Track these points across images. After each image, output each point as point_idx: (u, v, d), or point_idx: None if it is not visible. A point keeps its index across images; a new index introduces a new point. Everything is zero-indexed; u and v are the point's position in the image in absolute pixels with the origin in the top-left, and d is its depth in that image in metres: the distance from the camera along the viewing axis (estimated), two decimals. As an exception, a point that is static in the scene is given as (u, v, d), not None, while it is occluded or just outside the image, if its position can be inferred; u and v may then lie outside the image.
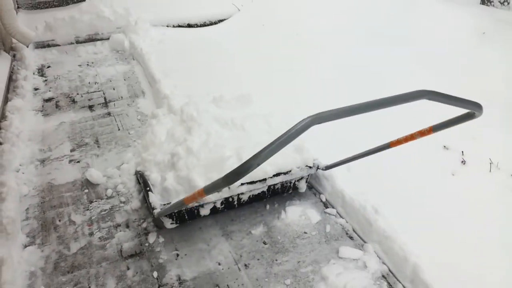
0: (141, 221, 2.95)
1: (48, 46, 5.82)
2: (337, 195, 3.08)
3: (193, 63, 5.15)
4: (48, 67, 5.28)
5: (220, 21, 6.71)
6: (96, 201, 3.12)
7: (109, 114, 4.30)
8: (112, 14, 6.18)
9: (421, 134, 1.97)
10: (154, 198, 2.68)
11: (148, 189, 2.77)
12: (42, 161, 3.53)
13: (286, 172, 2.91)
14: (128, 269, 2.60)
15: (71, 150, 3.69)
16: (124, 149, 3.72)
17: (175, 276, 2.56)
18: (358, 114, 1.36)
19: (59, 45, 5.88)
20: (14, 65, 5.05)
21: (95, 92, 4.71)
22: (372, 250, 2.75)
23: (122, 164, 3.46)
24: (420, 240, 2.64)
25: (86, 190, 3.22)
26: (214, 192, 2.74)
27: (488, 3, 7.06)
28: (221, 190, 2.75)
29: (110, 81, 5.00)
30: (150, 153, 3.19)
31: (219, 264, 2.65)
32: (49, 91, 4.68)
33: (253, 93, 3.68)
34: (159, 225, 2.88)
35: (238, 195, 2.89)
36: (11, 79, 4.77)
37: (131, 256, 2.69)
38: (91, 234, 2.84)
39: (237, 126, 3.27)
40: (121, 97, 4.64)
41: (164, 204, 2.63)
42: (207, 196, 2.71)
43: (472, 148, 3.41)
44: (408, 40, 5.37)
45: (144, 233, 2.86)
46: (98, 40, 6.07)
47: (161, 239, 2.80)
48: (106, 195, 3.17)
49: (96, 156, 3.62)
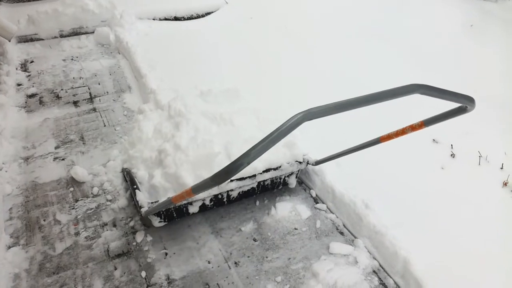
0: (128, 220, 2.89)
1: (31, 40, 5.67)
2: (327, 190, 3.06)
3: (180, 57, 5.06)
4: (31, 62, 5.15)
5: (208, 14, 6.61)
6: (82, 200, 3.05)
7: (95, 110, 4.21)
8: (97, 7, 6.04)
9: (413, 129, 1.94)
10: (142, 196, 2.62)
11: (135, 187, 2.71)
12: (26, 159, 3.44)
13: (276, 168, 2.88)
14: (116, 269, 2.55)
15: (56, 147, 3.60)
16: (110, 146, 3.65)
17: (164, 276, 2.52)
18: (351, 110, 1.33)
19: (43, 39, 5.73)
20: (-4, 60, 4.92)
21: (80, 88, 4.61)
22: (363, 245, 2.73)
23: (108, 161, 3.39)
24: (411, 235, 2.63)
25: (72, 189, 3.15)
26: (202, 192, 2.74)
27: (476, -5, 7.07)
28: (205, 190, 2.70)
29: (95, 76, 4.89)
30: (137, 150, 3.13)
31: (209, 263, 2.61)
32: (33, 87, 4.57)
33: (241, 87, 3.62)
34: (147, 224, 2.83)
35: (228, 192, 2.84)
36: (-7, 75, 4.64)
37: (119, 256, 2.63)
38: (77, 234, 2.77)
39: (226, 121, 3.21)
40: (107, 92, 4.55)
41: (152, 202, 2.57)
42: (197, 194, 2.67)
43: (461, 142, 3.40)
44: (397, 35, 5.34)
45: (132, 232, 2.80)
46: (83, 34, 5.92)
47: (149, 238, 2.75)
48: (92, 193, 3.10)
49: (82, 153, 3.54)
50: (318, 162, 2.92)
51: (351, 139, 2.76)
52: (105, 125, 3.96)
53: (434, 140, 3.45)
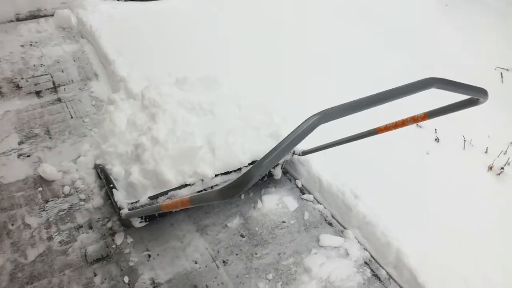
0: (106, 221, 2.70)
1: (-16, 25, 5.23)
2: (314, 181, 2.96)
3: (149, 41, 4.78)
4: (-15, 49, 4.75)
5: (175, -6, 6.29)
6: (53, 200, 2.83)
7: (60, 100, 3.92)
8: (56, -13, 5.63)
9: (414, 120, 1.85)
10: (120, 197, 2.44)
11: (112, 186, 2.52)
12: (-14, 157, 3.16)
13: (262, 160, 2.74)
14: (95, 276, 2.37)
15: (19, 143, 3.32)
16: (80, 140, 3.40)
17: (149, 280, 2.36)
18: (367, 109, 1.21)
19: (-3, 23, 5.30)
20: None
21: (42, 76, 4.28)
22: (353, 236, 2.67)
23: (79, 157, 3.16)
24: (401, 224, 2.58)
25: (40, 188, 2.91)
26: (185, 184, 2.58)
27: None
28: (194, 183, 2.55)
29: (58, 63, 4.56)
30: (110, 144, 2.91)
31: (196, 263, 2.47)
32: (-11, 76, 4.21)
33: (219, 74, 3.43)
34: (126, 224, 2.65)
35: (212, 187, 2.69)
36: None
37: (98, 261, 2.45)
38: (50, 238, 2.57)
39: (205, 111, 3.04)
40: (72, 81, 4.25)
41: (132, 203, 2.39)
42: (180, 191, 2.52)
43: (444, 126, 3.37)
44: (371, 16, 5.25)
45: (110, 234, 2.62)
46: (41, 17, 5.51)
47: (130, 240, 2.58)
48: (64, 193, 2.88)
49: (49, 149, 3.29)
50: (305, 153, 2.81)
51: (341, 127, 2.64)
52: (72, 117, 3.69)
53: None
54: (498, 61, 4.20)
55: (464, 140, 3.19)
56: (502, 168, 2.95)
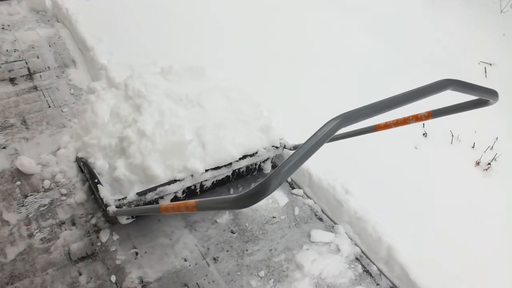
0: (89, 217, 2.59)
1: (-51, 5, 4.91)
2: (303, 175, 2.93)
3: (129, 26, 4.58)
4: (-47, 31, 4.46)
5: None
6: (32, 195, 2.69)
7: (36, 88, 3.72)
8: (27, -33, 5.32)
9: (417, 119, 1.82)
10: (106, 193, 2.33)
11: (96, 181, 2.41)
12: (-42, 149, 2.98)
13: (253, 154, 2.69)
14: (81, 275, 2.27)
15: (-6, 134, 3.15)
16: (59, 131, 3.25)
17: (137, 279, 2.28)
18: (386, 112, 1.16)
19: (-36, 4, 4.98)
20: None
21: (16, 62, 4.05)
22: (343, 232, 2.66)
23: (59, 149, 3.01)
24: (391, 219, 2.58)
25: (18, 182, 2.76)
26: (175, 180, 2.49)
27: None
28: (183, 179, 2.47)
29: (33, 48, 4.33)
30: (93, 136, 2.77)
31: (185, 260, 2.41)
32: (-42, 61, 3.96)
33: (205, 63, 3.33)
34: (112, 220, 2.54)
35: (201, 182, 2.62)
36: None
37: (82, 259, 2.35)
38: (31, 236, 2.44)
39: (193, 103, 2.94)
40: (48, 67, 4.05)
41: (119, 199, 2.29)
42: (169, 186, 2.44)
43: (432, 120, 3.37)
44: (356, 7, 5.21)
45: (95, 231, 2.51)
46: (13, -1, 5.22)
47: (116, 237, 2.48)
48: (44, 187, 2.74)
49: (26, 140, 3.12)
50: (296, 147, 2.75)
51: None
52: (50, 106, 3.52)
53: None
54: (482, 56, 4.25)
55: (452, 135, 3.21)
56: (489, 164, 2.99)
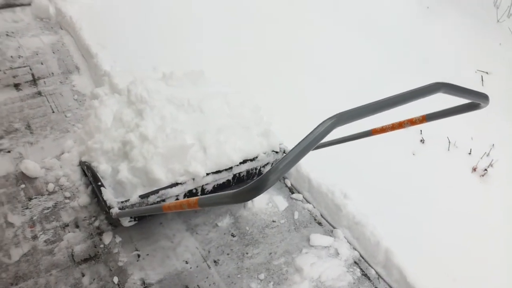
0: (93, 219, 2.64)
1: (-45, 12, 4.99)
2: (303, 180, 2.98)
3: (132, 33, 4.66)
4: (-42, 38, 4.54)
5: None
6: (36, 198, 2.74)
7: (40, 94, 3.78)
8: (32, -24, 5.41)
9: (412, 123, 1.88)
10: (109, 195, 2.38)
11: (100, 184, 2.46)
12: (-36, 152, 3.03)
13: (253, 159, 2.74)
14: (83, 276, 2.32)
15: (-1, 138, 3.21)
16: (63, 135, 3.30)
17: (139, 280, 2.33)
18: (379, 113, 1.22)
19: (-31, 11, 5.07)
20: None
21: (20, 68, 4.12)
22: (342, 236, 2.70)
23: (63, 153, 3.07)
24: (389, 223, 2.63)
25: (23, 185, 2.81)
26: (177, 183, 2.54)
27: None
28: (185, 182, 2.52)
29: (37, 55, 4.40)
30: (96, 141, 2.83)
31: (187, 263, 2.45)
32: (-38, 67, 4.02)
33: (205, 68, 3.39)
34: (114, 223, 2.59)
35: (202, 186, 2.67)
36: None
37: (85, 261, 2.40)
38: (35, 238, 2.49)
39: (194, 108, 3.00)
40: (52, 74, 4.11)
41: (122, 202, 2.34)
42: (171, 190, 2.48)
43: (429, 127, 3.42)
44: (354, 16, 5.29)
45: (98, 233, 2.56)
46: (18, 6, 5.27)
47: (118, 239, 2.53)
48: (48, 191, 2.79)
49: (30, 144, 3.17)
50: (296, 152, 2.81)
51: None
52: (54, 111, 3.58)
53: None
54: (479, 65, 4.32)
55: (449, 142, 3.27)
56: (486, 170, 3.04)
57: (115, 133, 2.88)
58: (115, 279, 2.32)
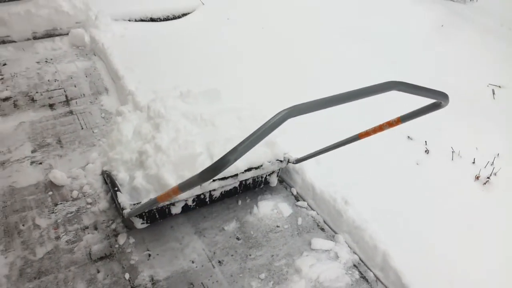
0: (110, 222, 2.87)
1: (3, 43, 5.53)
2: (308, 188, 3.11)
3: (157, 58, 5.03)
4: (4, 65, 5.03)
5: (184, 15, 6.60)
6: (62, 204, 3.02)
7: (71, 113, 4.15)
8: (71, 9, 5.94)
9: (390, 125, 2.01)
10: (123, 198, 2.61)
11: (116, 189, 2.70)
12: (2, 164, 3.37)
13: (258, 167, 2.91)
14: (98, 272, 2.53)
15: (32, 151, 3.54)
16: (89, 149, 3.61)
17: (148, 277, 2.52)
18: (333, 106, 1.37)
19: (15, 42, 5.61)
20: (-34, 63, 4.79)
21: (56, 90, 4.53)
22: (343, 241, 2.80)
23: (87, 164, 3.36)
24: (389, 229, 2.71)
25: (50, 192, 3.10)
26: (190, 189, 2.74)
27: (445, -4, 7.28)
28: (193, 188, 2.71)
29: (71, 78, 4.82)
30: (117, 152, 3.10)
31: (193, 262, 2.62)
32: (6, 90, 4.46)
33: (221, 88, 3.64)
34: (129, 226, 2.82)
35: (210, 192, 2.86)
36: (-36, 78, 4.52)
37: (101, 259, 2.62)
38: (58, 238, 2.74)
39: (207, 122, 3.23)
40: (83, 95, 4.49)
41: (134, 204, 2.57)
42: (180, 194, 2.68)
43: (434, 138, 3.52)
44: (368, 35, 5.46)
45: (114, 235, 2.79)
46: (57, 36, 5.82)
47: (132, 240, 2.74)
48: (72, 197, 3.07)
49: (59, 157, 3.49)
50: (299, 160, 2.97)
51: (331, 137, 2.81)
52: (83, 128, 3.91)
53: (409, 137, 3.56)
54: (492, 79, 4.35)
55: (453, 152, 3.32)
56: (488, 178, 3.07)
57: (134, 145, 3.15)
58: (127, 276, 2.52)
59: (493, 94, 4.10)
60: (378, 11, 6.12)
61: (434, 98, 1.70)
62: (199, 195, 2.83)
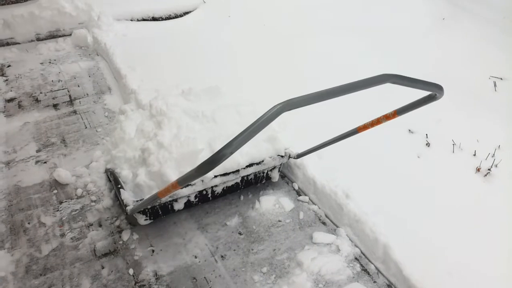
0: (114, 219, 2.91)
1: (7, 45, 5.60)
2: (309, 183, 3.13)
3: (159, 57, 5.07)
4: (9, 66, 5.09)
5: (186, 14, 6.62)
6: (66, 202, 3.06)
7: (75, 112, 4.20)
8: (74, 10, 5.99)
9: (387, 118, 2.02)
10: (126, 195, 2.65)
11: (120, 186, 2.74)
12: (7, 163, 3.42)
13: (259, 162, 2.94)
14: (103, 268, 2.57)
15: (37, 151, 3.59)
16: (93, 147, 3.65)
17: (152, 272, 2.55)
18: (327, 99, 1.39)
19: (19, 43, 5.67)
20: (-29, 65, 4.85)
21: (59, 90, 4.58)
22: (344, 234, 2.82)
23: (91, 163, 3.40)
24: (390, 221, 2.72)
25: (55, 191, 3.15)
26: (188, 183, 2.77)
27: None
28: (195, 183, 2.75)
29: (75, 78, 4.87)
30: (120, 150, 3.14)
31: (196, 257, 2.66)
32: (11, 91, 4.52)
33: (222, 85, 3.66)
34: (133, 222, 2.86)
35: (212, 188, 2.89)
36: (-31, 80, 4.58)
37: (105, 255, 2.66)
38: (63, 235, 2.79)
39: (208, 118, 3.25)
40: (87, 94, 4.54)
41: (137, 201, 2.60)
42: (181, 190, 2.72)
43: (435, 131, 3.52)
44: (369, 29, 5.46)
45: (118, 231, 2.83)
46: (60, 37, 5.87)
47: (135, 236, 2.78)
48: (76, 195, 3.11)
49: (64, 156, 3.54)
50: (300, 155, 2.99)
51: (331, 132, 2.83)
52: (87, 127, 3.96)
53: (410, 131, 3.56)
54: (493, 71, 4.34)
55: (454, 144, 3.33)
56: (489, 170, 3.08)
57: (137, 143, 3.18)
58: (131, 271, 2.56)
59: (495, 86, 4.09)
60: (379, 5, 6.10)
61: (429, 90, 1.71)
62: (202, 191, 2.86)
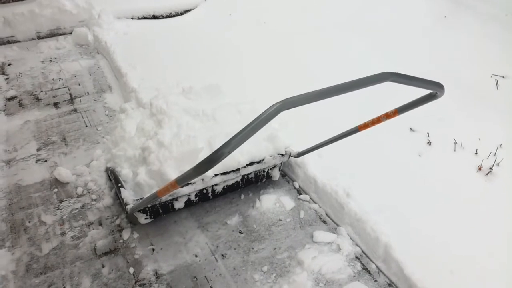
0: (114, 218, 2.91)
1: (8, 43, 5.60)
2: (310, 181, 3.12)
3: (160, 55, 5.06)
4: (9, 65, 5.09)
5: (186, 12, 6.62)
6: (67, 200, 3.06)
7: (76, 111, 4.19)
8: (74, 8, 5.99)
9: (387, 117, 2.01)
10: (126, 194, 2.65)
11: (120, 185, 2.73)
12: (8, 162, 3.42)
13: (259, 161, 2.93)
14: (103, 267, 2.57)
15: (38, 149, 3.59)
16: (93, 146, 3.65)
17: (152, 271, 2.55)
18: (326, 98, 1.38)
19: (20, 41, 5.67)
20: (-28, 64, 4.85)
21: (60, 89, 4.58)
22: (345, 233, 2.81)
23: (92, 161, 3.40)
24: (391, 220, 2.71)
25: (56, 190, 3.15)
26: (187, 183, 2.76)
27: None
28: (195, 182, 2.74)
29: (75, 77, 4.86)
30: (120, 149, 3.14)
31: (196, 256, 2.65)
32: (11, 90, 4.52)
33: (222, 83, 3.65)
34: (133, 221, 2.85)
35: (212, 187, 2.89)
36: (-30, 79, 4.58)
37: (106, 254, 2.66)
38: (63, 234, 2.78)
39: (208, 117, 3.25)
40: (87, 93, 4.53)
41: (137, 199, 2.60)
42: (182, 189, 2.71)
43: (437, 129, 3.51)
44: (371, 27, 5.44)
45: (118, 230, 2.82)
46: (61, 35, 5.87)
47: (136, 235, 2.78)
48: (77, 194, 3.11)
49: (64, 154, 3.54)
50: (300, 154, 2.98)
51: (332, 130, 2.82)
52: (87, 126, 3.95)
53: (411, 129, 3.55)
54: (496, 69, 4.32)
55: (455, 143, 3.31)
56: (491, 168, 3.06)
57: (137, 141, 3.17)
58: (131, 270, 2.55)
59: (497, 85, 4.07)
60: (381, 3, 6.07)
61: (430, 89, 1.70)
62: (202, 190, 2.85)
